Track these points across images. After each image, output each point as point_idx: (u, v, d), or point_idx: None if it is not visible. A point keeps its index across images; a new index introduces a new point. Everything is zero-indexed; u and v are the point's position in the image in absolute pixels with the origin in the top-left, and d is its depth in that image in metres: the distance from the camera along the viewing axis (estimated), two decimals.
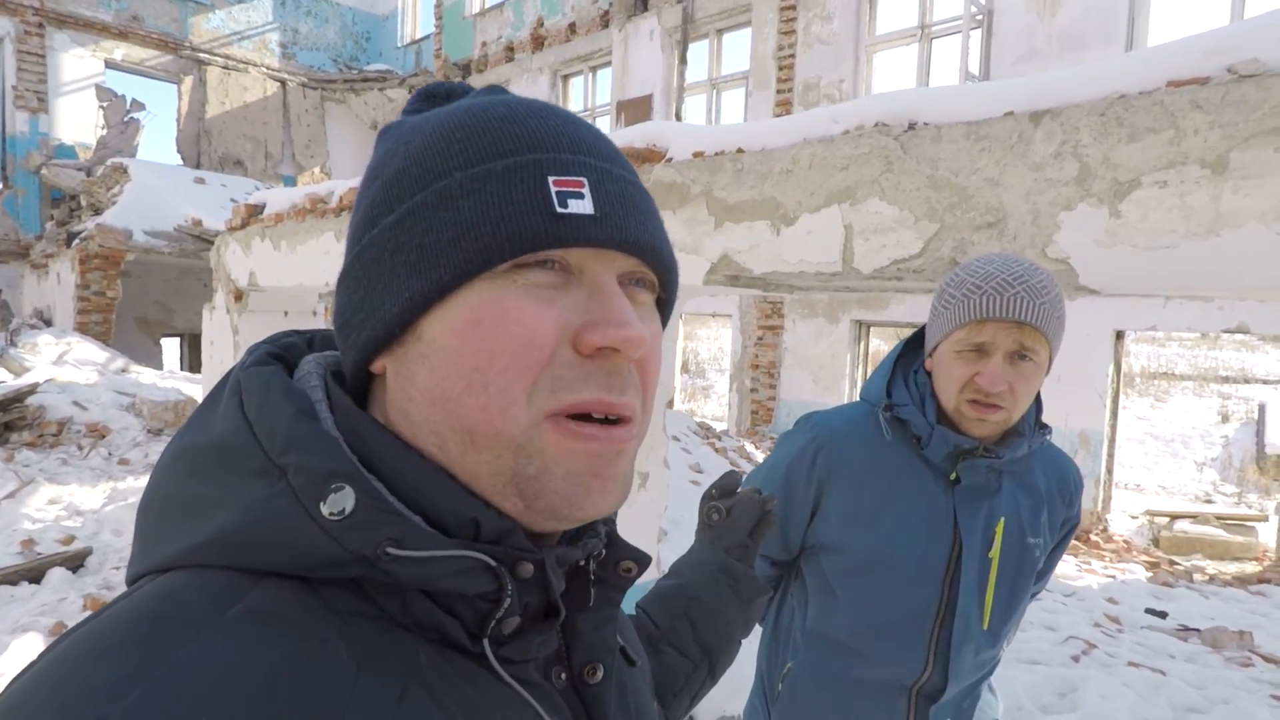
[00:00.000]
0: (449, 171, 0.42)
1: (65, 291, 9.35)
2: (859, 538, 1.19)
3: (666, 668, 0.77)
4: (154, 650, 0.33)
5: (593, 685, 0.48)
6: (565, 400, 0.42)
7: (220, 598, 0.36)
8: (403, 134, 0.47)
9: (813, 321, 8.50)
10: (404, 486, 0.41)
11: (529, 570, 0.43)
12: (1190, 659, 4.00)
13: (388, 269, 0.42)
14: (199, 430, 0.43)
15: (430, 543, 0.39)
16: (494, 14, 12.34)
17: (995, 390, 1.06)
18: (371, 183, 0.46)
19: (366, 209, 0.45)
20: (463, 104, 0.47)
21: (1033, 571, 1.21)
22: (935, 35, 7.65)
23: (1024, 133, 1.58)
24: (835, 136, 1.89)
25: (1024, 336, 1.05)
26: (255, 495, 0.39)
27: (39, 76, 10.94)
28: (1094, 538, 6.86)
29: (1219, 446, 13.64)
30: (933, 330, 1.17)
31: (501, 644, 0.43)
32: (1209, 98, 1.36)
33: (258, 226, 4.23)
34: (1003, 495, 1.18)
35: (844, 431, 1.24)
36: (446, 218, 0.41)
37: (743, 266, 2.05)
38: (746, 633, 0.84)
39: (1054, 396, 7.02)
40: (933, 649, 1.17)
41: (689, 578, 0.83)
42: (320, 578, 0.39)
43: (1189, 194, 1.38)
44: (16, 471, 5.39)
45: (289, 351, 0.49)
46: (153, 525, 0.42)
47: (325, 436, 0.41)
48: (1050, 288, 1.06)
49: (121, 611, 0.36)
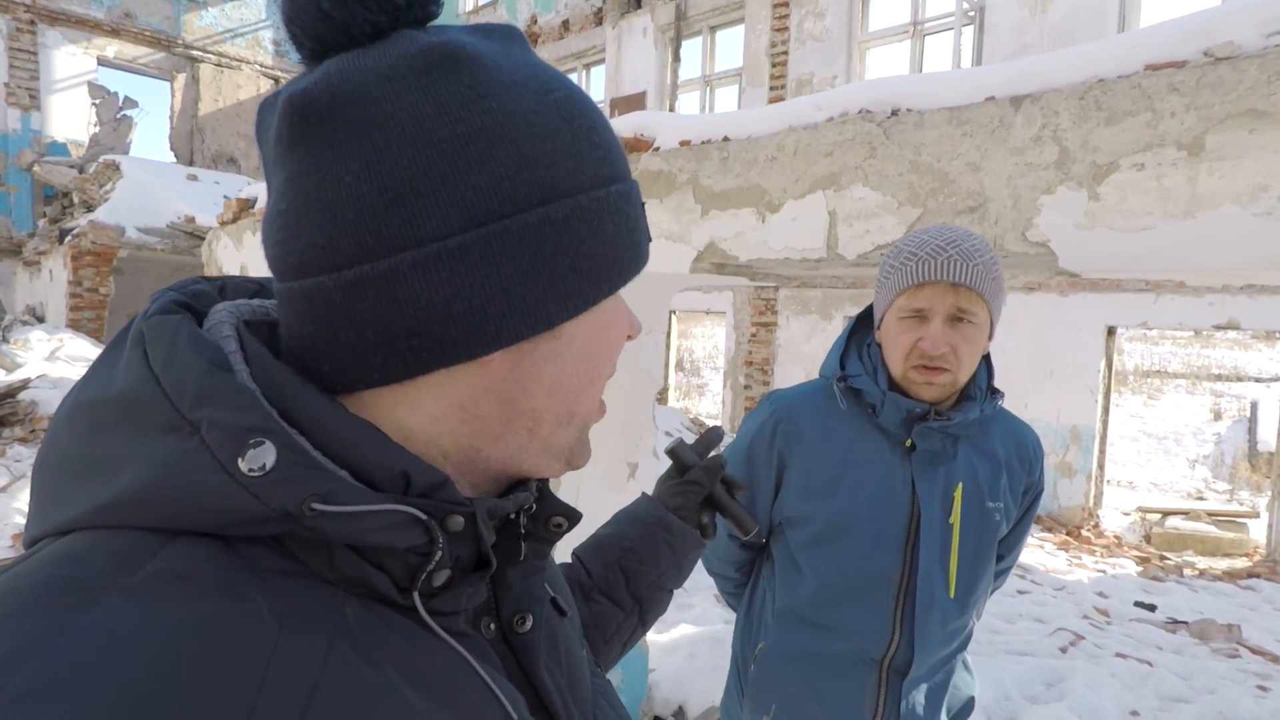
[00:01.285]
0: (603, 181, 0.44)
1: (58, 288, 9.31)
2: (818, 507, 1.21)
3: (598, 615, 0.77)
4: (52, 617, 0.31)
5: (521, 634, 0.48)
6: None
7: (127, 559, 0.34)
8: (514, 92, 0.41)
9: (806, 318, 8.52)
10: (328, 440, 0.39)
11: (459, 523, 0.42)
12: (1178, 650, 4.02)
13: (548, 267, 0.41)
14: (100, 384, 0.40)
15: (358, 497, 0.38)
16: (488, 11, 12.33)
17: (937, 353, 1.10)
18: (484, 147, 0.39)
19: (492, 187, 0.39)
20: (557, 90, 0.43)
21: (995, 536, 1.22)
22: (928, 32, 7.67)
23: (1005, 117, 1.59)
24: (819, 124, 1.90)
25: (960, 299, 1.09)
26: (166, 452, 0.36)
27: (31, 74, 10.89)
28: (1085, 533, 6.89)
29: (1211, 444, 13.70)
30: (878, 302, 1.20)
31: (431, 596, 0.42)
32: (1185, 80, 1.37)
33: (250, 220, 4.22)
34: (959, 461, 1.20)
35: (800, 404, 1.27)
36: (608, 231, 0.44)
37: (728, 254, 2.06)
38: (679, 583, 0.84)
39: (1046, 392, 7.10)
40: (898, 618, 1.18)
41: (626, 529, 0.82)
42: (237, 535, 0.37)
43: (1166, 176, 1.39)
44: (8, 466, 5.37)
45: (197, 300, 0.45)
46: (52, 484, 0.39)
47: (241, 390, 0.38)
48: (984, 251, 1.10)
49: (18, 576, 0.33)
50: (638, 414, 2.92)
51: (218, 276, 0.49)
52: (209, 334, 0.42)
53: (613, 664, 0.79)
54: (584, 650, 0.59)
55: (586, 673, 0.57)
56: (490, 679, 0.43)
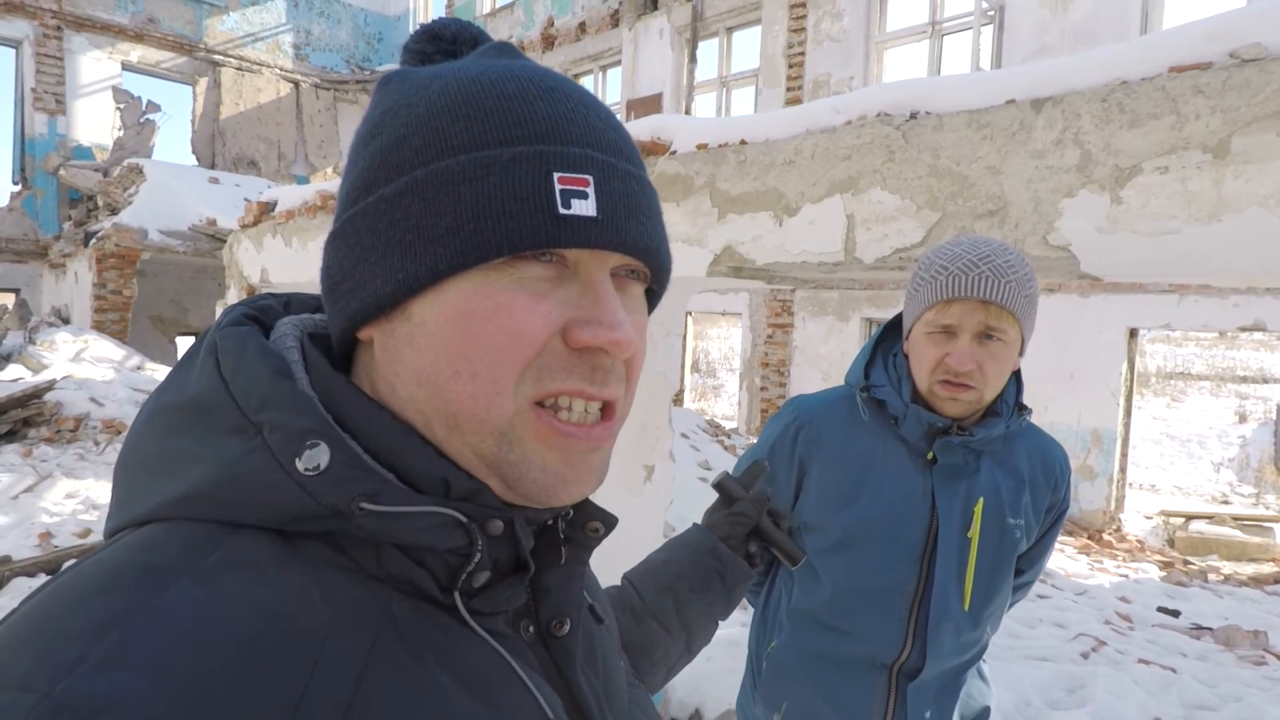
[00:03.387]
0: (451, 151, 0.41)
1: (82, 290, 9.47)
2: (836, 515, 1.21)
3: (647, 639, 0.78)
4: (134, 595, 0.34)
5: (559, 638, 0.49)
6: (549, 388, 0.43)
7: (199, 547, 0.37)
8: (405, 92, 0.45)
9: (823, 320, 8.48)
10: (376, 446, 0.42)
11: (499, 527, 0.44)
12: (1202, 657, 3.96)
13: (382, 243, 0.42)
14: (176, 389, 0.44)
15: (403, 498, 0.40)
16: (505, 14, 12.39)
17: (964, 370, 1.08)
18: (370, 141, 0.45)
19: (363, 171, 0.44)
20: (472, 69, 0.45)
21: (1014, 553, 1.21)
22: (946, 32, 7.62)
23: (1025, 120, 1.57)
24: (837, 127, 1.89)
25: (990, 316, 1.07)
26: (232, 451, 0.40)
27: (57, 79, 11.08)
28: (1107, 537, 6.80)
29: (1236, 447, 13.49)
30: (906, 313, 1.19)
31: (472, 596, 0.44)
32: (1211, 82, 1.35)
33: (270, 223, 4.27)
34: (981, 476, 1.19)
35: (823, 411, 1.27)
36: (446, 203, 0.41)
37: (745, 257, 2.06)
38: (726, 614, 0.85)
39: (1067, 394, 7.02)
40: (911, 627, 1.18)
41: (679, 556, 0.84)
42: (295, 530, 0.40)
43: (1190, 179, 1.37)
44: (34, 466, 5.47)
45: (265, 314, 0.49)
46: (131, 481, 0.43)
47: (301, 395, 0.41)
48: (1018, 267, 1.07)
49: (102, 561, 0.37)
50: (654, 417, 2.92)
51: (284, 293, 0.53)
52: (274, 345, 0.46)
53: (657, 688, 0.80)
54: (621, 660, 0.60)
55: (623, 681, 0.57)
56: (528, 678, 0.44)
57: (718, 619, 0.84)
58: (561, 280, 0.43)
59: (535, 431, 0.43)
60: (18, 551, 4.07)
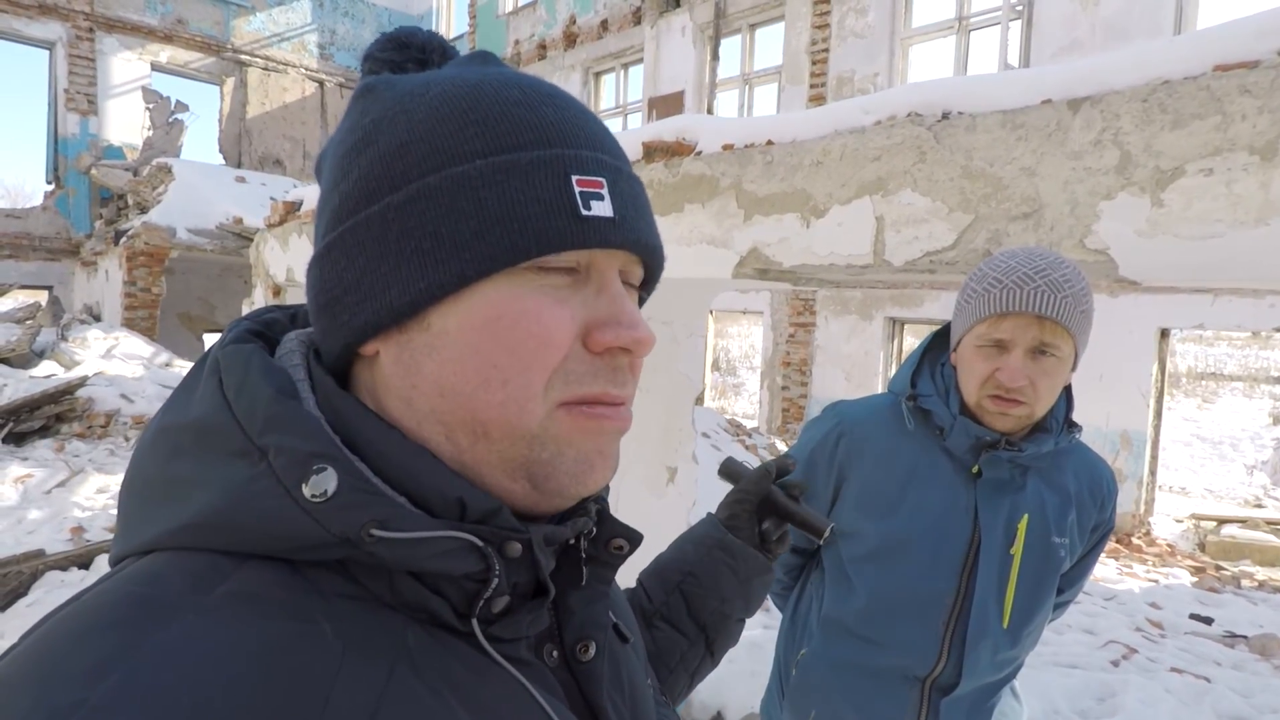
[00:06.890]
0: (467, 157, 0.41)
1: (113, 288, 9.64)
2: (875, 524, 1.18)
3: (661, 643, 0.75)
4: (135, 632, 0.32)
5: (585, 662, 0.48)
6: (577, 393, 0.43)
7: (203, 579, 0.36)
8: (398, 99, 0.44)
9: (845, 319, 8.40)
10: (387, 467, 0.40)
11: (517, 550, 0.42)
12: (1237, 666, 3.87)
13: (393, 252, 0.41)
14: (179, 410, 0.42)
15: (416, 524, 0.39)
16: (527, 12, 12.41)
17: (1015, 385, 1.05)
18: (363, 150, 0.43)
19: (359, 181, 0.42)
20: (469, 76, 0.44)
21: (1057, 572, 1.18)
22: (973, 27, 7.50)
23: (1062, 121, 1.53)
24: (867, 127, 1.86)
25: (1044, 332, 1.03)
26: (236, 477, 0.38)
27: (89, 79, 11.29)
28: (1136, 541, 6.68)
29: (1270, 449, 13.18)
30: (956, 324, 1.16)
31: (491, 623, 0.42)
32: (1259, 81, 1.31)
33: (295, 223, 4.31)
34: (1027, 492, 1.15)
35: (866, 419, 1.24)
36: (467, 208, 0.40)
37: (772, 259, 2.04)
38: (747, 613, 0.79)
39: (1096, 395, 6.89)
40: (947, 641, 1.15)
41: (686, 552, 0.80)
42: (304, 559, 0.38)
43: (1236, 181, 1.33)
44: (67, 461, 5.58)
45: (270, 328, 0.48)
46: (135, 506, 0.41)
47: (306, 417, 0.40)
48: (1074, 281, 1.03)
49: (103, 594, 0.35)
50: (677, 418, 2.91)
51: (291, 305, 0.51)
52: (279, 361, 0.44)
53: (681, 696, 0.77)
54: (649, 679, 0.58)
55: (651, 702, 0.56)
56: (550, 707, 0.42)
57: (738, 617, 0.79)
58: (577, 284, 0.43)
59: (569, 425, 0.43)
60: (50, 545, 4.15)
